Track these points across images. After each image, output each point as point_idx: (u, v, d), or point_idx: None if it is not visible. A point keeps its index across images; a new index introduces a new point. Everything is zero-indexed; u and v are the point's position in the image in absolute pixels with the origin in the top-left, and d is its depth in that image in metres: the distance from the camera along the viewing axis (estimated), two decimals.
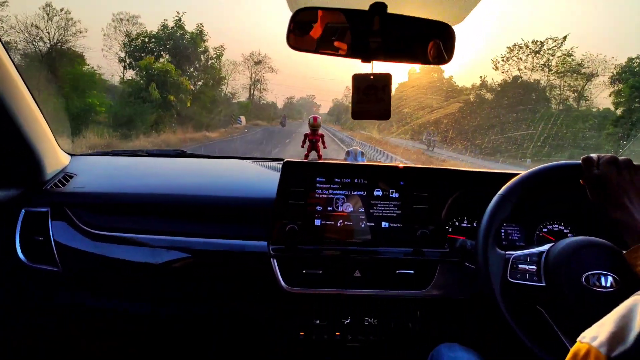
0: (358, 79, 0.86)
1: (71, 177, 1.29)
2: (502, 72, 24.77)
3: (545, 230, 1.30)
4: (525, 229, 1.31)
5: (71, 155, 1.43)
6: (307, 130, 1.61)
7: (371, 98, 0.87)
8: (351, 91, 0.88)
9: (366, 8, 0.79)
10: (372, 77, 0.86)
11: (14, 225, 1.16)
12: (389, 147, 15.84)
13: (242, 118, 29.26)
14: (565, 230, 1.31)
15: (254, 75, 38.96)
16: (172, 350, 1.36)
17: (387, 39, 0.82)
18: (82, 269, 1.18)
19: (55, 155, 1.29)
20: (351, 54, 0.84)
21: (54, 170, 1.28)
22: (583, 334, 0.48)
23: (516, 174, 1.01)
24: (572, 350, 0.48)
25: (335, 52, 0.84)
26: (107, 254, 1.16)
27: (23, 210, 1.17)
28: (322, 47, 0.84)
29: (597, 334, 0.46)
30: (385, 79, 0.87)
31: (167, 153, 1.68)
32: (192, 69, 25.43)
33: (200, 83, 25.90)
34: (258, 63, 38.43)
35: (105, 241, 1.17)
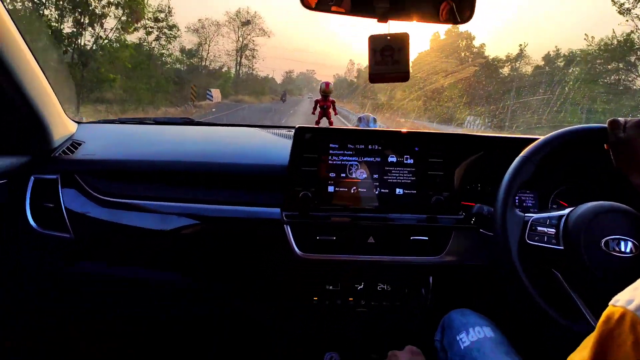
0: (374, 40, 0.81)
1: (79, 144, 1.29)
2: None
3: (560, 196, 1.28)
4: (539, 195, 1.29)
5: (77, 123, 1.42)
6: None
7: (387, 60, 0.83)
8: (367, 55, 0.84)
9: None
10: (388, 37, 0.82)
11: (23, 193, 1.17)
12: None
13: (215, 92, 22.46)
14: (581, 197, 1.28)
15: (241, 39, 30.54)
16: (184, 318, 1.39)
17: None
18: (94, 235, 1.20)
19: (62, 122, 1.28)
20: (366, 13, 0.79)
21: (62, 138, 1.28)
22: (616, 297, 0.46)
23: (535, 139, 0.98)
24: (605, 313, 0.46)
25: (348, 11, 0.80)
26: (119, 221, 1.17)
27: (32, 177, 1.17)
28: (337, 6, 0.80)
29: (632, 297, 0.45)
30: (403, 39, 0.82)
31: (174, 121, 1.66)
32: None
33: (102, 29, 14.88)
34: (246, 24, 30.43)
35: (117, 208, 1.18)
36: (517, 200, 1.28)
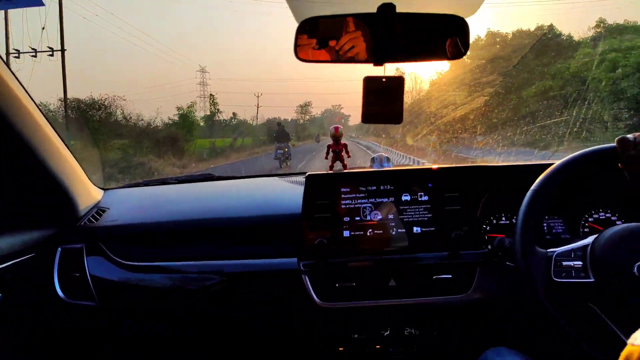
0: (369, 82, 0.84)
1: (104, 211, 1.31)
2: None
3: (591, 220, 1.22)
4: (568, 221, 1.23)
5: (104, 189, 1.46)
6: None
7: (382, 101, 0.85)
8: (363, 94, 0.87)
9: (374, 10, 0.77)
10: (384, 79, 0.84)
11: (51, 265, 1.18)
12: None
13: None
14: (612, 218, 1.22)
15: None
16: None
17: (398, 39, 0.80)
18: (118, 300, 1.20)
19: (87, 191, 1.32)
20: (361, 59, 0.82)
21: (88, 206, 1.31)
22: (634, 336, 0.45)
23: (550, 164, 0.96)
24: (623, 353, 0.44)
25: (344, 59, 0.82)
26: (142, 284, 1.18)
27: (59, 249, 1.19)
28: (331, 55, 0.83)
29: None
30: (398, 82, 0.85)
31: (195, 178, 1.69)
32: None
33: None
34: None
35: (139, 271, 1.19)
36: (545, 227, 1.23)
